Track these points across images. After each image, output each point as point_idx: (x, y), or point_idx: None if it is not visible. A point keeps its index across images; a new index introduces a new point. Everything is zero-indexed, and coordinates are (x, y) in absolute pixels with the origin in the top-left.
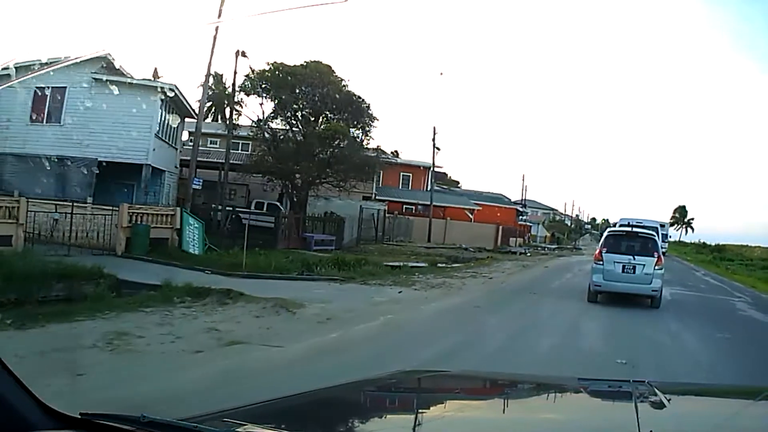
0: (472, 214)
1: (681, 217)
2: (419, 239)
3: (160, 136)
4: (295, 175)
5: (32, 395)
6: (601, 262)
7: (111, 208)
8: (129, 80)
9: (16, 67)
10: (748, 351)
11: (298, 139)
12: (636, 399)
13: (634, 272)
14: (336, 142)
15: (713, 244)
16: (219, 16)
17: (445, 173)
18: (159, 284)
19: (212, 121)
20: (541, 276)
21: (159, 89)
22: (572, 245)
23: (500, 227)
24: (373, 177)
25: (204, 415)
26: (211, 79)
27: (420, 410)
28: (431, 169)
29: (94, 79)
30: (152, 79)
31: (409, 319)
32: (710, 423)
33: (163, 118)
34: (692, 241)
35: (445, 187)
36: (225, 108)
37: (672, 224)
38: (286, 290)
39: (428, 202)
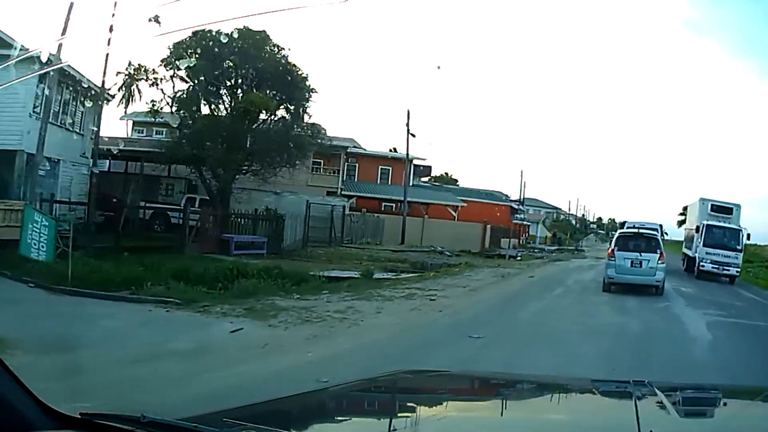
0: (455, 212)
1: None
2: (392, 240)
3: (42, 117)
4: (216, 163)
5: (32, 395)
6: (613, 259)
7: None
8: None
9: None
10: None
11: (217, 117)
12: (636, 399)
13: (641, 266)
14: (259, 120)
15: None
16: None
17: (430, 167)
18: None
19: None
20: (514, 295)
21: (33, 60)
22: (574, 246)
23: (488, 226)
24: (342, 166)
25: (204, 415)
26: None
27: (420, 410)
28: (407, 160)
29: None
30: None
31: None
32: (710, 423)
33: (49, 97)
34: None
35: (436, 183)
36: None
37: (681, 223)
38: (60, 317)
39: (408, 199)
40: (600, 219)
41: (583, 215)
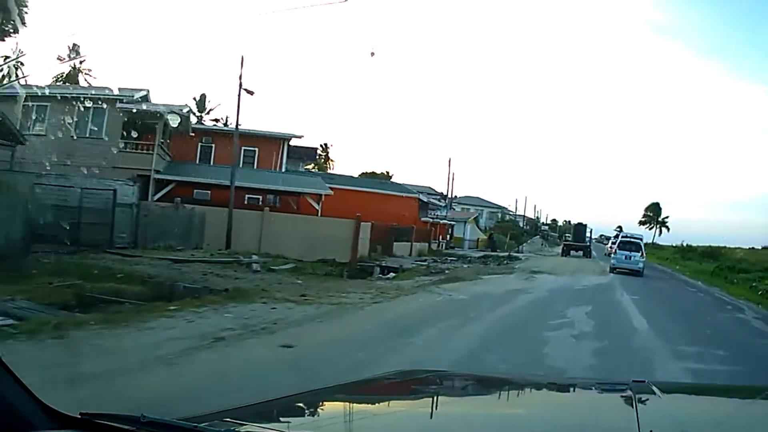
0: (318, 204)
1: (654, 215)
2: (218, 243)
3: None
4: None
5: (32, 395)
6: (615, 254)
7: None
8: None
9: None
10: None
11: None
12: (636, 399)
13: (630, 260)
14: None
15: (703, 246)
16: None
17: (314, 149)
18: None
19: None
20: None
21: None
22: (507, 253)
23: (365, 225)
24: (158, 140)
25: (204, 415)
26: None
27: (420, 410)
28: (236, 128)
29: None
30: None
31: None
32: (710, 423)
33: None
34: (673, 244)
35: (344, 173)
36: None
37: (643, 223)
38: None
39: (281, 188)
40: (555, 221)
41: (537, 217)
